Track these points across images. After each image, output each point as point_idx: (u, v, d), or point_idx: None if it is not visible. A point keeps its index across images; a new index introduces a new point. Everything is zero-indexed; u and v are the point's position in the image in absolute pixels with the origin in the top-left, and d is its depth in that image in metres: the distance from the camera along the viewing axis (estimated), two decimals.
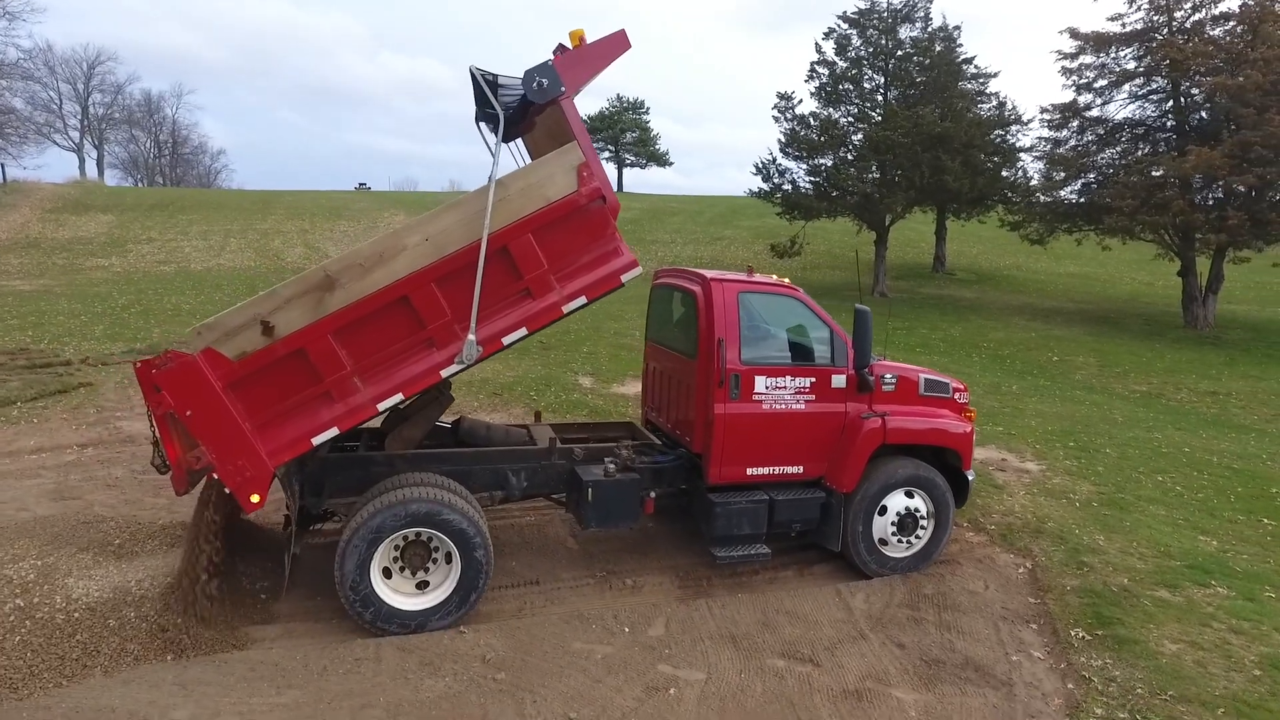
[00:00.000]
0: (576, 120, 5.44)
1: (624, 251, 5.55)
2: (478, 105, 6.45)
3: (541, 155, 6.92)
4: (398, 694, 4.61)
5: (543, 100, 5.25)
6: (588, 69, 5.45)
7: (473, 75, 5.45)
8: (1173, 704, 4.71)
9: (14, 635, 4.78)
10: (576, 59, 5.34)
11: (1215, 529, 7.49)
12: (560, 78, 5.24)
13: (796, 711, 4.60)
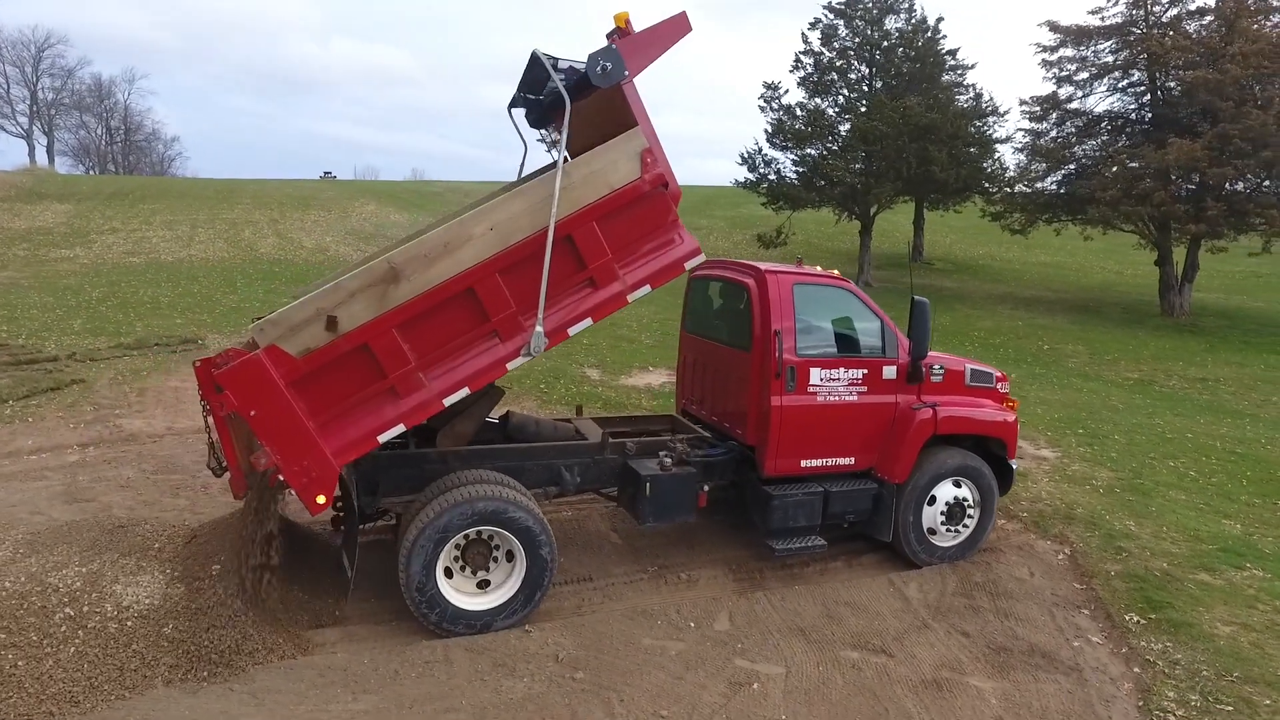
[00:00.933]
0: (639, 105, 5.34)
1: (686, 238, 5.48)
2: (524, 90, 6.32)
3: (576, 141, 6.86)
4: (479, 696, 4.51)
5: (607, 85, 5.14)
6: (650, 53, 5.36)
7: (536, 58, 5.30)
8: (1240, 685, 4.82)
9: (68, 646, 4.57)
10: (639, 43, 5.25)
11: (1236, 513, 7.70)
12: (624, 62, 5.13)
13: (881, 703, 4.60)
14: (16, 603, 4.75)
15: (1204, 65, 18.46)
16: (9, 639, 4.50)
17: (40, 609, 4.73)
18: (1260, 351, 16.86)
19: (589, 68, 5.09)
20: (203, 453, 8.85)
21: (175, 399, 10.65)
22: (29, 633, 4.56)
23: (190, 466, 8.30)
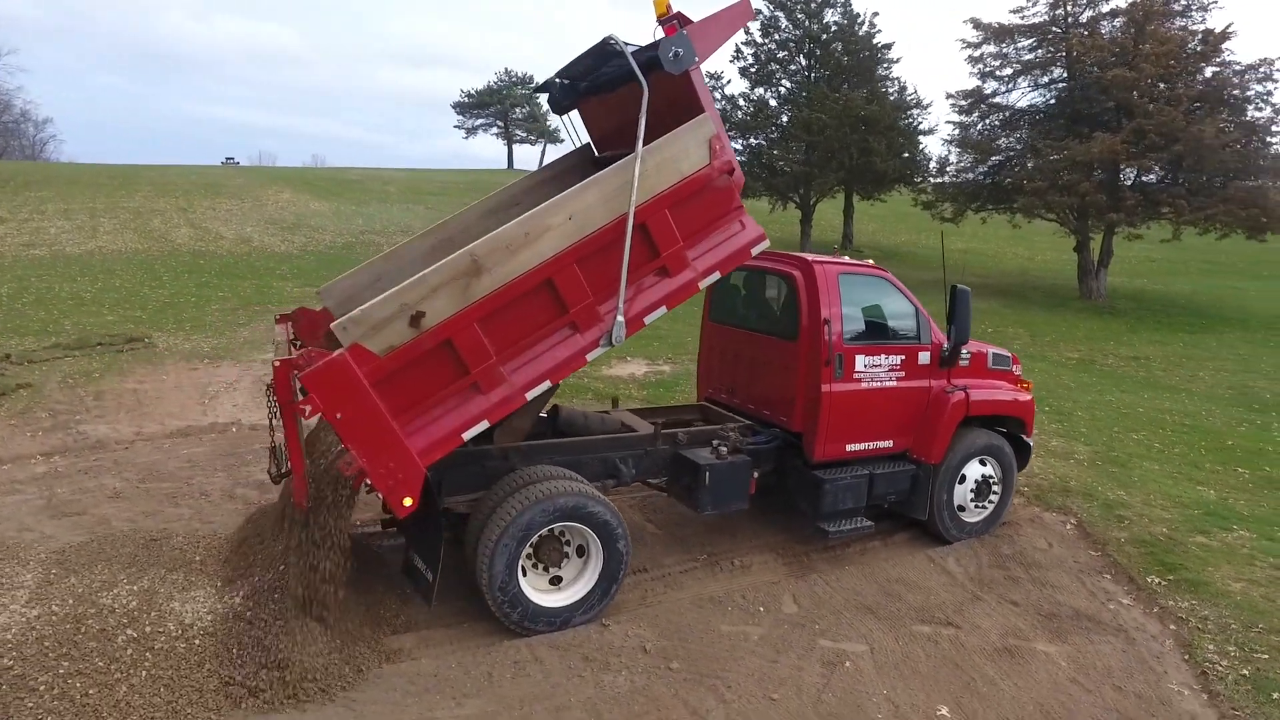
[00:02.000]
0: (705, 92, 5.36)
1: (750, 224, 5.55)
2: (572, 76, 6.22)
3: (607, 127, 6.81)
4: (583, 693, 4.49)
5: (678, 70, 5.14)
6: (717, 38, 5.40)
7: (610, 44, 5.20)
8: (1266, 635, 5.30)
9: (138, 670, 4.27)
10: (706, 29, 5.27)
11: (1207, 479, 8.40)
12: (694, 48, 5.14)
13: (965, 672, 4.84)
14: (72, 627, 4.41)
15: (1118, 64, 19.79)
16: (74, 666, 4.18)
17: (100, 632, 4.41)
18: (1175, 331, 18.33)
19: (662, 54, 5.07)
20: (188, 458, 8.40)
21: (136, 402, 9.98)
22: (93, 658, 4.25)
23: (178, 473, 7.82)
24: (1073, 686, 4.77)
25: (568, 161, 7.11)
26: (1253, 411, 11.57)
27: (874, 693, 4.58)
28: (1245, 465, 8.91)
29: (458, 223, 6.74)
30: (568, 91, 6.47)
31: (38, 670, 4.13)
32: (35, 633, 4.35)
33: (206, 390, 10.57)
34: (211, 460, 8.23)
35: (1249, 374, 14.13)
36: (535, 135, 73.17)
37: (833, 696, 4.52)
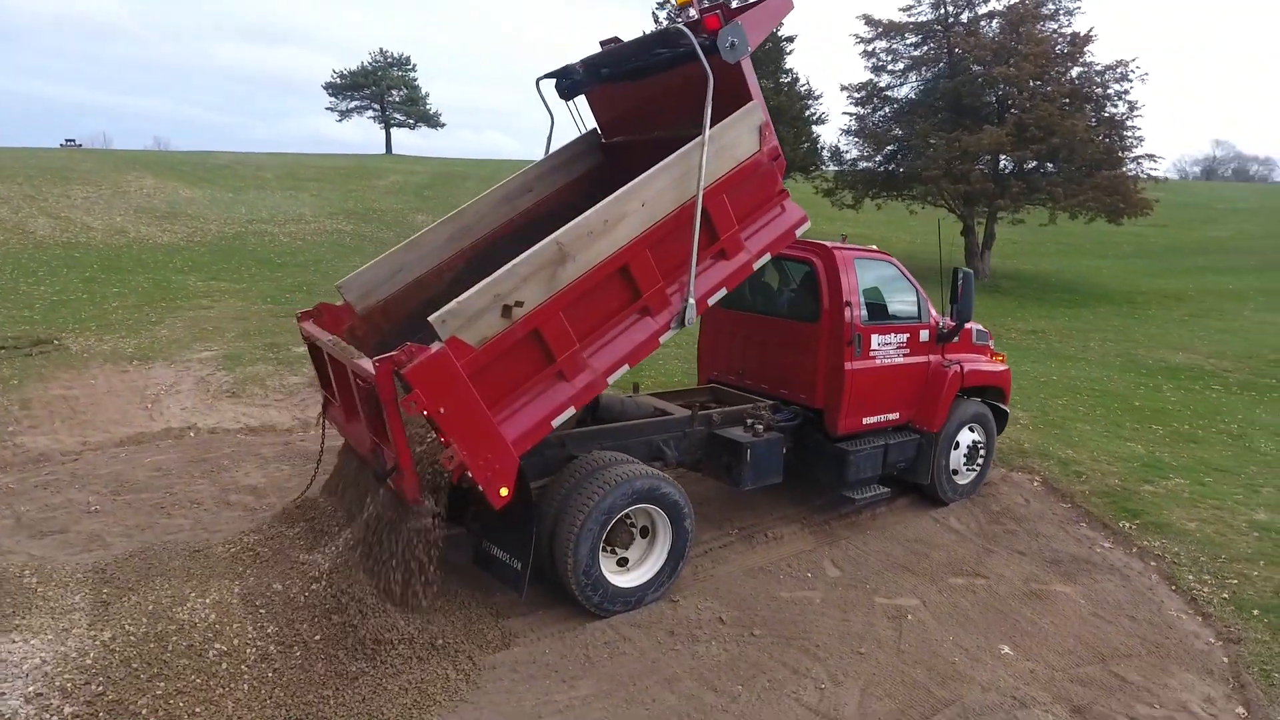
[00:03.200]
0: (754, 80, 5.58)
1: (792, 207, 5.86)
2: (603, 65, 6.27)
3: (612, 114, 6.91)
4: (686, 664, 4.68)
5: (734, 60, 5.35)
6: (764, 29, 5.64)
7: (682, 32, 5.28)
8: (1230, 564, 6.18)
9: (239, 683, 4.08)
10: (756, 19, 5.49)
11: (1132, 436, 9.51)
12: (747, 38, 5.36)
13: (1008, 616, 5.38)
14: (157, 646, 4.16)
15: (998, 63, 21.54)
16: (171, 686, 3.96)
17: (188, 649, 4.19)
18: (1056, 306, 20.29)
19: (720, 44, 5.24)
20: (155, 467, 7.83)
21: (70, 410, 9.17)
22: (189, 676, 4.04)
23: (151, 483, 7.32)
24: (1095, 620, 5.41)
25: (576, 148, 7.15)
26: (1142, 375, 13.10)
27: (942, 639, 5.03)
28: (1156, 423, 10.14)
29: (474, 211, 6.68)
30: (588, 78, 6.52)
31: (134, 694, 3.88)
32: (117, 655, 4.06)
33: (145, 394, 9.82)
34: (184, 468, 7.72)
35: (1128, 343, 15.91)
36: (414, 119, 70.58)
37: (909, 646, 4.93)
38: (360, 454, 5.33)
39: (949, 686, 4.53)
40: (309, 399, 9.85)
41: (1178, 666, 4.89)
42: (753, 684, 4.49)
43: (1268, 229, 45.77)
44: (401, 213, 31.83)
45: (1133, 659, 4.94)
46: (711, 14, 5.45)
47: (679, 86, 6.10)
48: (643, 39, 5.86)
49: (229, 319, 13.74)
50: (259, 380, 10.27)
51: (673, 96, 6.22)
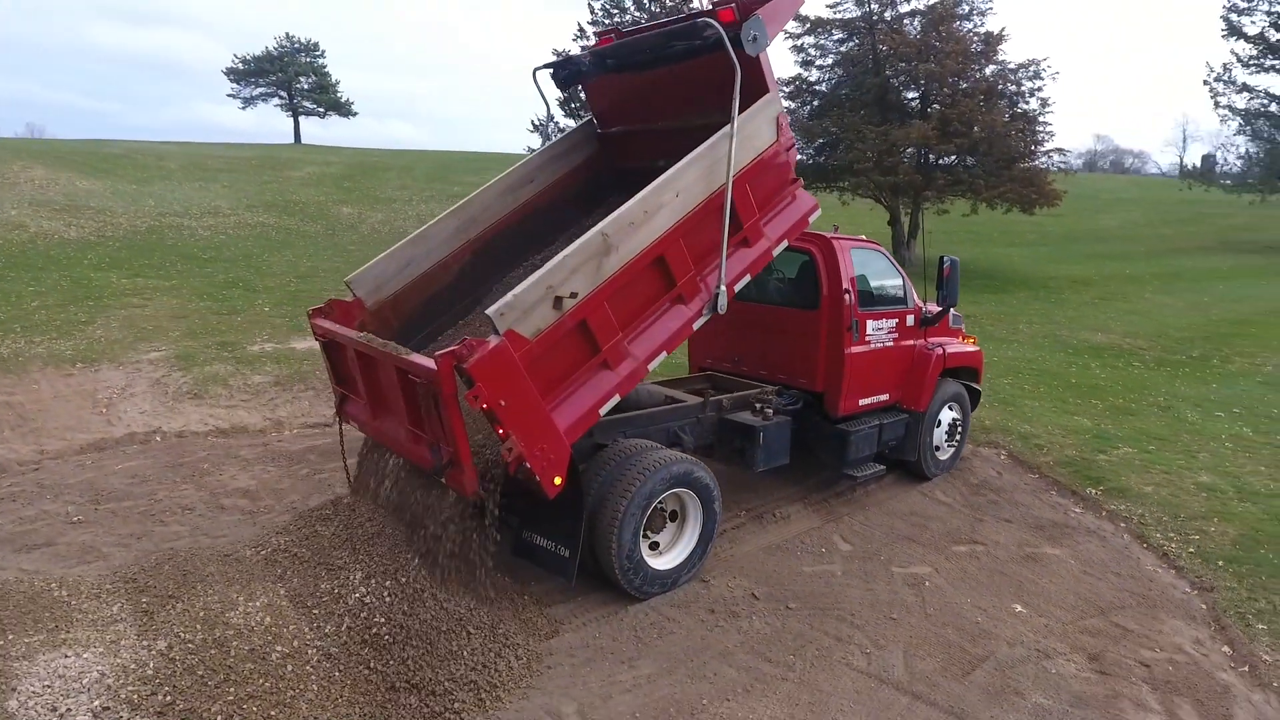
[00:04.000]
0: (771, 72, 5.77)
1: (804, 195, 6.10)
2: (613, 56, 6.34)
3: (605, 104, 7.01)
4: (733, 639, 4.88)
5: (755, 53, 5.51)
6: (781, 22, 5.84)
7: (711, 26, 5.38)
8: (1190, 522, 6.82)
9: (308, 684, 4.03)
10: (775, 13, 5.68)
11: (1076, 411, 10.26)
12: (767, 31, 5.55)
13: (1011, 578, 5.81)
14: (218, 652, 4.06)
15: (922, 59, 22.54)
16: (241, 691, 3.88)
17: (250, 653, 4.10)
18: (980, 292, 21.43)
19: (744, 37, 5.40)
20: (130, 473, 7.45)
21: (18, 417, 8.63)
22: (257, 680, 3.97)
23: (131, 490, 7.01)
24: (1087, 577, 5.90)
25: (574, 138, 7.22)
26: (1071, 355, 14.07)
27: (961, 602, 5.40)
28: (1094, 398, 10.96)
29: (479, 202, 6.67)
30: (593, 69, 6.58)
31: (204, 701, 3.79)
32: (179, 664, 3.94)
33: (97, 399, 9.29)
34: (161, 474, 7.40)
35: (1051, 325, 17.03)
36: (324, 108, 67.92)
37: (934, 609, 5.28)
38: (395, 449, 5.27)
39: (980, 644, 4.89)
40: (277, 399, 9.55)
41: (1166, 614, 5.40)
42: (803, 653, 4.73)
43: (1149, 218, 49.49)
44: (324, 205, 30.72)
45: (1127, 610, 5.44)
46: (726, 7, 5.60)
47: (687, 77, 6.24)
48: (663, 31, 5.96)
49: (167, 317, 13.06)
50: (220, 380, 9.86)
51: (681, 87, 6.36)
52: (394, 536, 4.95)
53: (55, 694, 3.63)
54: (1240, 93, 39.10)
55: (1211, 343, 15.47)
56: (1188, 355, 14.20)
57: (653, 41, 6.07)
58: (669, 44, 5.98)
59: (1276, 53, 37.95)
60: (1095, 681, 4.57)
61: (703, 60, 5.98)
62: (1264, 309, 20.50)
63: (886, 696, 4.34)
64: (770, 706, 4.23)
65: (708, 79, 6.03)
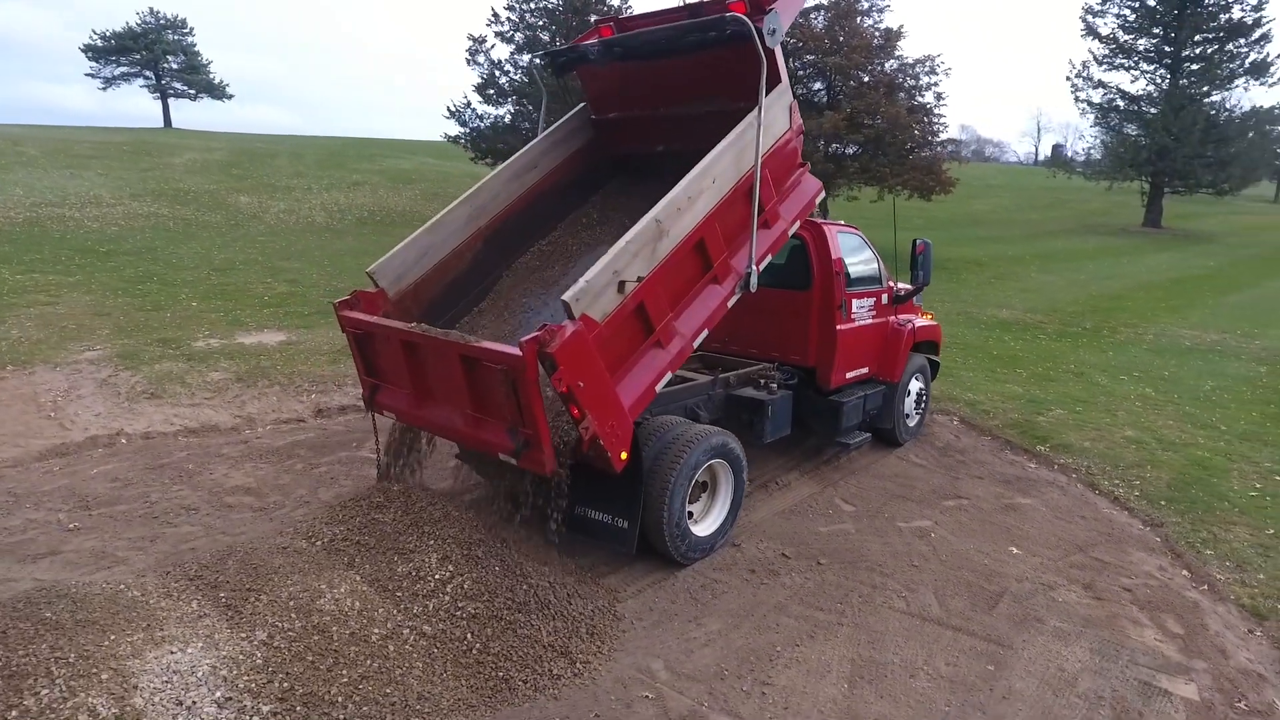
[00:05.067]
0: (783, 63, 6.14)
1: (810, 179, 6.54)
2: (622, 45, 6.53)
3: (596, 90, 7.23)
4: (782, 594, 5.29)
5: (774, 44, 5.85)
6: (791, 15, 6.23)
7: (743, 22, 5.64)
8: (1126, 470, 7.78)
9: (413, 661, 4.14)
10: (787, 8, 6.06)
11: (1007, 379, 11.30)
12: (782, 24, 5.93)
13: (999, 527, 6.50)
14: (321, 638, 4.12)
15: (829, 53, 23.66)
16: (354, 672, 3.98)
17: (351, 635, 4.18)
18: None
19: (765, 30, 5.73)
20: (109, 477, 7.12)
21: None
22: (365, 661, 4.07)
23: (115, 494, 6.74)
24: (1057, 521, 6.68)
25: (571, 124, 7.36)
26: (985, 330, 15.34)
27: (965, 548, 6.03)
28: (1018, 368, 12.08)
29: (488, 189, 6.75)
30: (601, 58, 6.76)
31: (321, 684, 3.85)
32: (286, 652, 3.96)
33: (40, 402, 8.73)
34: (144, 476, 7.11)
35: (960, 303, 18.42)
36: (196, 90, 63.58)
37: (947, 556, 5.88)
38: (448, 436, 5.35)
39: (994, 582, 5.51)
40: (242, 396, 9.22)
41: (1130, 548, 6.23)
42: (848, 601, 5.20)
43: (1017, 203, 53.67)
44: (217, 194, 29.03)
45: (1099, 546, 6.22)
46: (737, 2, 5.92)
47: (695, 66, 6.52)
48: (685, 24, 6.18)
49: (87, 315, 12.23)
50: (176, 379, 9.42)
51: (685, 75, 6.63)
52: (461, 518, 5.06)
53: (176, 689, 3.60)
54: (1096, 88, 42.97)
55: (1098, 315, 17.22)
56: (1082, 327, 15.77)
57: (671, 34, 6.30)
58: (686, 36, 6.23)
59: (1126, 53, 41.92)
60: (1095, 606, 5.27)
61: (713, 50, 6.28)
62: (1131, 285, 22.89)
63: (932, 631, 4.87)
64: (837, 648, 4.67)
65: (716, 68, 6.36)
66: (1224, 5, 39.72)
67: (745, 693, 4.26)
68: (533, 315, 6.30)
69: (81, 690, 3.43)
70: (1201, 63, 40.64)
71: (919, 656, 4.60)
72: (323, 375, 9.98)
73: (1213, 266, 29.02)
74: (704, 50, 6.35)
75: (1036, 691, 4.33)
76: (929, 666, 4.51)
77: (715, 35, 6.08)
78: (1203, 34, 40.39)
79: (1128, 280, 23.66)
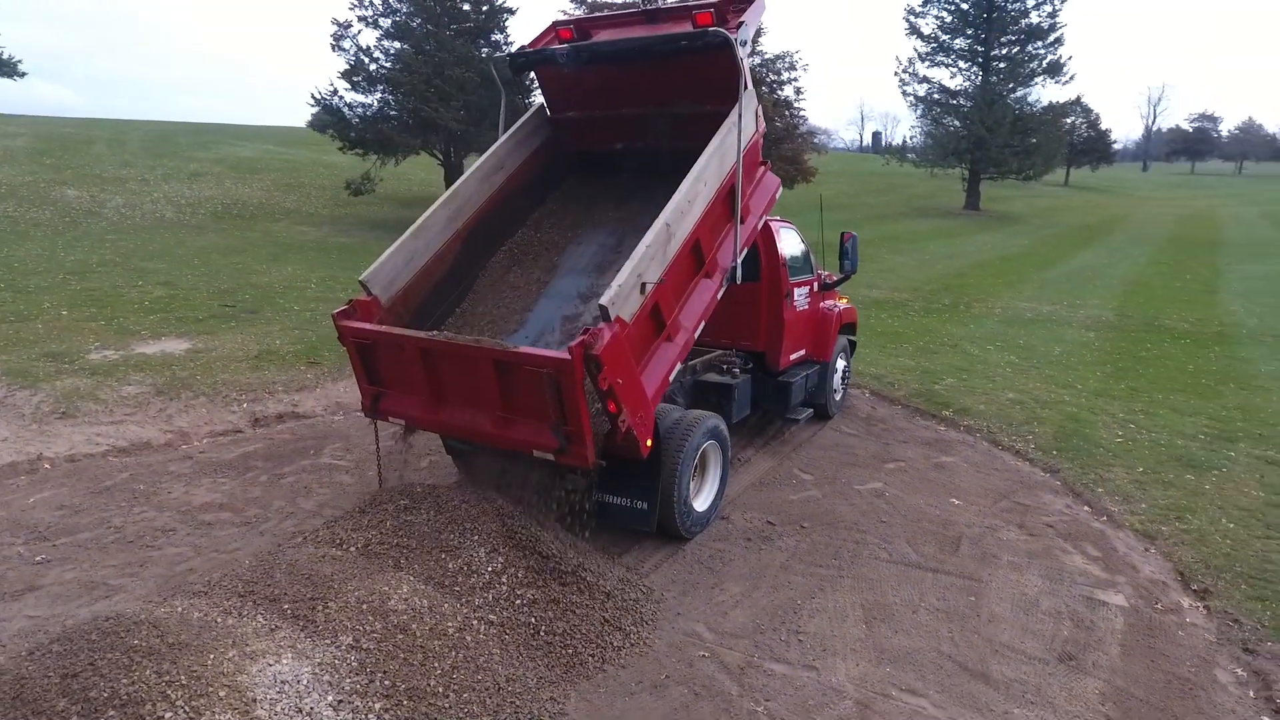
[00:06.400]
0: (749, 70, 6.69)
1: (771, 176, 7.16)
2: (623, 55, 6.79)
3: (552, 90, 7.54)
4: (783, 556, 5.94)
5: (746, 54, 6.36)
6: (756, 24, 6.78)
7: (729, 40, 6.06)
8: (1018, 427, 9.06)
9: (488, 648, 4.40)
10: (754, 15, 6.61)
11: (897, 353, 12.60)
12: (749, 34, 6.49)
13: (935, 481, 7.48)
14: (405, 636, 4.29)
15: None
16: (443, 664, 4.21)
17: (431, 632, 4.38)
18: None
19: (738, 41, 6.22)
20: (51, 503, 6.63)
21: None
22: (450, 653, 4.29)
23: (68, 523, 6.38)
24: (979, 474, 7.78)
25: (532, 124, 7.57)
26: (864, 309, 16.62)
27: (917, 503, 6.93)
28: (904, 342, 13.48)
29: (463, 192, 6.90)
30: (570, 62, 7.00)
31: (420, 678, 4.04)
32: (377, 652, 4.08)
33: None
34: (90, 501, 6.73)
35: None
36: None
37: (906, 510, 6.75)
38: (472, 438, 5.55)
39: (951, 529, 6.43)
40: (168, 409, 8.73)
41: (1040, 492, 7.39)
42: (840, 556, 5.92)
43: (854, 188, 57.80)
44: (37, 186, 25.98)
45: (1018, 492, 7.34)
46: (704, 11, 6.37)
47: (662, 71, 6.91)
48: (663, 36, 6.52)
49: None
50: (87, 395, 8.75)
51: (650, 79, 7.01)
52: (499, 512, 5.29)
53: (290, 698, 3.68)
54: (921, 83, 47.12)
55: (951, 293, 19.28)
56: (942, 304, 17.66)
57: (648, 43, 6.64)
58: (663, 45, 6.59)
59: (945, 51, 46.24)
60: (1031, 541, 6.30)
61: (682, 57, 6.69)
62: (969, 264, 25.61)
63: (916, 575, 5.68)
64: (849, 595, 5.36)
65: (683, 72, 6.80)
66: (1023, 11, 44.79)
67: (784, 642, 4.85)
68: (519, 314, 6.54)
69: (205, 709, 3.45)
70: (1008, 62, 45.63)
71: (914, 596, 5.39)
72: (249, 383, 9.57)
73: (1026, 245, 32.87)
74: (672, 57, 6.77)
75: (1012, 614, 5.22)
76: (925, 603, 5.30)
77: (687, 44, 6.52)
78: (1008, 36, 45.32)
79: (965, 259, 26.45)
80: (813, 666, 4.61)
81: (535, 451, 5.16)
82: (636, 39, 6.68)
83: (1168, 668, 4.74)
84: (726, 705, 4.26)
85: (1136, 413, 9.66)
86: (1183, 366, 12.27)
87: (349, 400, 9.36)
